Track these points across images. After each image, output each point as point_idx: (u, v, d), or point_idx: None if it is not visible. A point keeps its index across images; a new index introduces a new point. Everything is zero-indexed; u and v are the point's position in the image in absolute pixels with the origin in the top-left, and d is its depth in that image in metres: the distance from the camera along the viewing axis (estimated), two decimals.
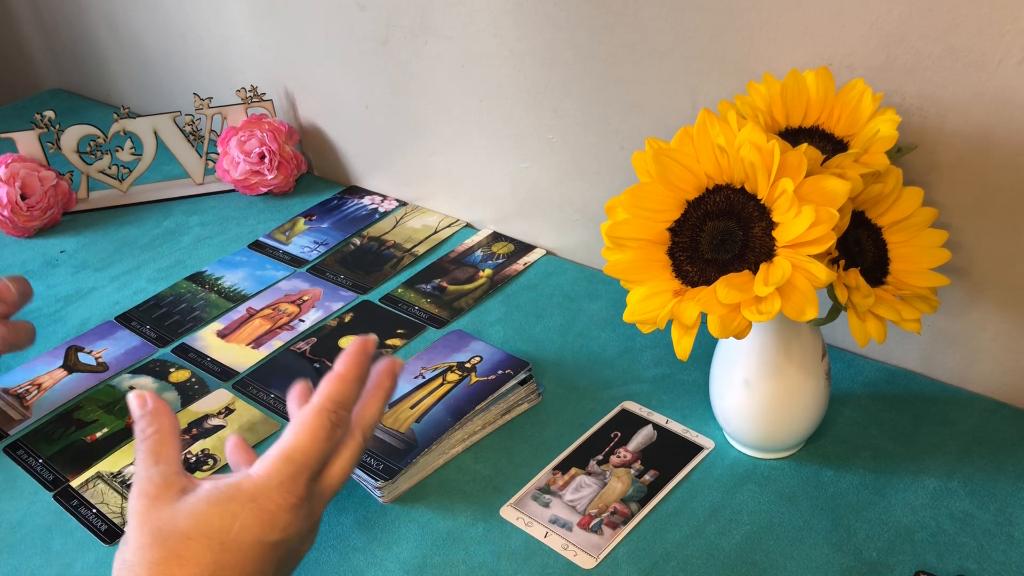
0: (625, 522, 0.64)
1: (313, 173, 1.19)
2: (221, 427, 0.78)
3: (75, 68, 1.53)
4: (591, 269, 0.93)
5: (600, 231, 0.58)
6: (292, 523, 0.50)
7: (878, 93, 0.60)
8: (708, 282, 0.55)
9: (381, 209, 1.08)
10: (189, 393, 0.82)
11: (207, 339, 0.89)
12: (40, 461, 0.77)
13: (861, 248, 0.59)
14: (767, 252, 0.54)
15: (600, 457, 0.70)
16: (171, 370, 0.85)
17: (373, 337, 0.53)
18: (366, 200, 1.11)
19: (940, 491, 0.64)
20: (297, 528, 0.50)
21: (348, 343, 0.54)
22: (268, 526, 0.49)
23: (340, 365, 0.52)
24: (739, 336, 0.54)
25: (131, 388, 0.83)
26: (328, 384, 0.52)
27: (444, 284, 0.93)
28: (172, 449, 0.52)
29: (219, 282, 0.98)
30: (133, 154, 1.15)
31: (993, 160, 0.63)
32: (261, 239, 1.05)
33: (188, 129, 1.14)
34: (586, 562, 0.62)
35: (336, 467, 0.52)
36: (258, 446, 0.75)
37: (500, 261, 0.96)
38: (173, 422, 0.53)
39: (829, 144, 0.61)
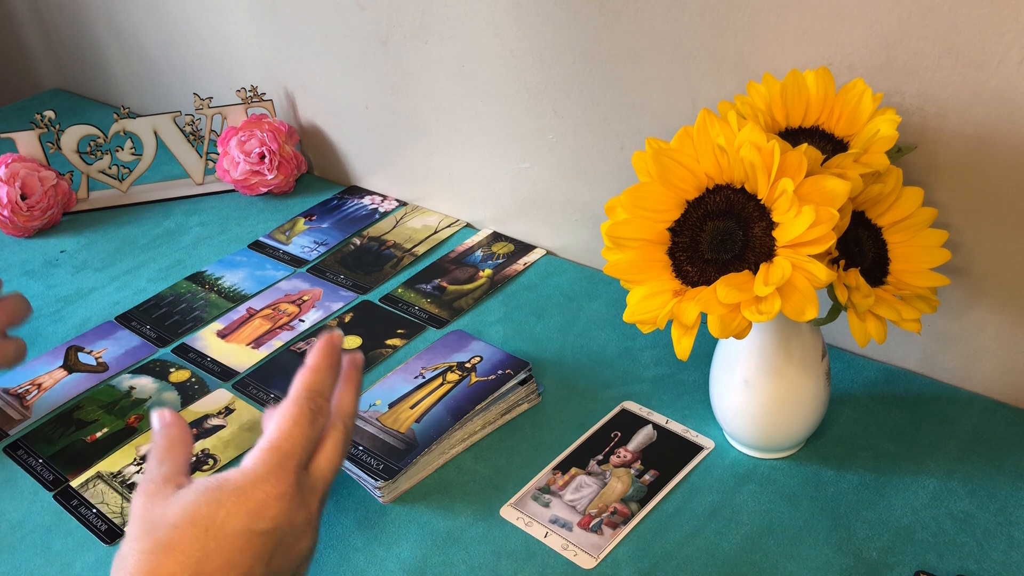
0: (625, 522, 0.64)
1: (313, 173, 1.19)
2: (221, 427, 0.78)
3: (75, 68, 1.53)
4: (591, 269, 0.93)
5: (600, 231, 0.58)
6: (282, 513, 0.50)
7: (878, 93, 0.60)
8: (708, 282, 0.55)
9: (381, 209, 1.08)
10: (189, 393, 0.82)
11: (207, 339, 0.89)
12: (40, 461, 0.77)
13: (861, 248, 0.59)
14: (767, 252, 0.54)
15: (600, 457, 0.70)
16: (171, 370, 0.85)
17: (339, 331, 0.57)
18: (366, 200, 1.11)
19: (940, 491, 0.64)
20: (288, 518, 0.51)
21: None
22: (255, 515, 0.50)
23: (311, 358, 0.55)
24: (739, 336, 0.54)
25: (131, 388, 0.84)
26: (302, 375, 0.54)
27: (444, 284, 0.93)
28: (179, 453, 0.53)
29: (219, 282, 0.98)
30: (133, 154, 1.15)
31: (993, 160, 0.63)
32: (261, 239, 1.05)
33: (188, 129, 1.14)
34: (586, 562, 0.62)
35: (323, 457, 0.54)
36: None
37: (500, 261, 0.96)
38: (185, 432, 0.55)
39: (829, 144, 0.60)
